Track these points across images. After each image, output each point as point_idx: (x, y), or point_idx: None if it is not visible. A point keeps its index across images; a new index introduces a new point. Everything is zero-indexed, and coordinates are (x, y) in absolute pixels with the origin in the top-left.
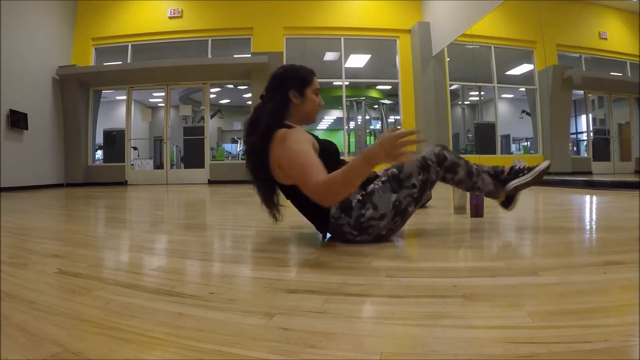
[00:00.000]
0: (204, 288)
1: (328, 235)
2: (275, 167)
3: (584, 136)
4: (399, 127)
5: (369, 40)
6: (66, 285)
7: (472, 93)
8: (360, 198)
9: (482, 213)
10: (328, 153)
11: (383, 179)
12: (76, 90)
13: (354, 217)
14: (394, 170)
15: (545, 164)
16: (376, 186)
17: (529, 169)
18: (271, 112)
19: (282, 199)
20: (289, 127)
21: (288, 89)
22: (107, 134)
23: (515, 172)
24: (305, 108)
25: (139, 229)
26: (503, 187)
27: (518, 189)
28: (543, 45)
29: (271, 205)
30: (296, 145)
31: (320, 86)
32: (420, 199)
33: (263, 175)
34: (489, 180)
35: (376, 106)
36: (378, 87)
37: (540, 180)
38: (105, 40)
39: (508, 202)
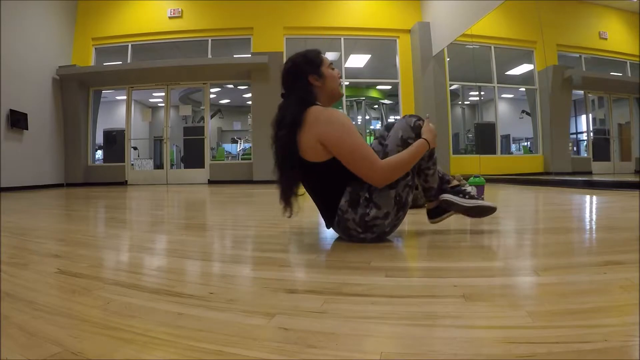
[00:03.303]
0: (204, 288)
1: (331, 232)
2: (312, 142)
3: (584, 136)
4: (428, 116)
5: (369, 40)
6: (66, 285)
7: (472, 93)
8: (367, 196)
9: None
10: None
11: None
12: (76, 90)
13: (359, 214)
14: None
15: (490, 204)
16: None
17: (472, 197)
18: (297, 103)
19: (299, 190)
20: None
21: (307, 76)
22: (107, 134)
23: (457, 191)
24: (328, 86)
25: (139, 229)
26: (439, 194)
27: (450, 205)
28: (543, 45)
29: (291, 197)
30: (351, 127)
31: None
32: (414, 184)
33: (290, 166)
34: (437, 178)
35: (376, 106)
36: (378, 87)
37: (474, 215)
38: (105, 40)
39: (436, 213)
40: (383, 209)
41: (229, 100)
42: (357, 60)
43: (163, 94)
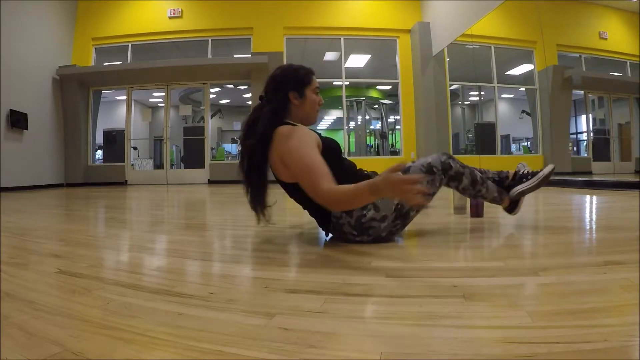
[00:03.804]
0: (204, 288)
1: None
2: (278, 164)
3: (584, 136)
4: (406, 164)
5: (369, 40)
6: (66, 285)
7: (472, 93)
8: None
9: (482, 213)
10: (331, 152)
11: None
12: (76, 90)
13: (354, 217)
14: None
15: (548, 168)
16: None
17: (533, 174)
18: (270, 115)
19: (270, 201)
20: (292, 125)
21: (287, 91)
22: (107, 134)
23: (519, 178)
24: (305, 108)
25: (139, 229)
26: (507, 192)
27: (523, 194)
28: (543, 45)
29: (260, 207)
30: (302, 146)
31: (320, 85)
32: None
33: (257, 178)
34: (493, 187)
35: (376, 106)
36: (378, 87)
37: (544, 185)
38: (105, 40)
39: (512, 207)
40: (381, 212)
41: (229, 100)
42: (357, 60)
43: (163, 94)
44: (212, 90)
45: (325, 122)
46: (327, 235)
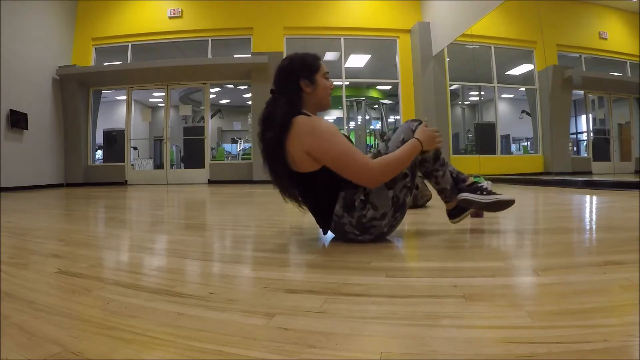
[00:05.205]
0: (204, 288)
1: (330, 233)
2: (299, 154)
3: (584, 136)
4: (426, 120)
5: (369, 40)
6: (66, 285)
7: (472, 93)
8: (363, 198)
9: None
10: None
11: None
12: (76, 90)
13: (355, 217)
14: None
15: (508, 197)
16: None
17: (490, 193)
18: (286, 105)
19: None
20: (308, 115)
21: (298, 79)
22: (107, 134)
23: (474, 188)
24: (318, 94)
25: (138, 229)
26: (456, 194)
27: (468, 202)
28: (543, 45)
29: (295, 196)
30: (335, 134)
31: (328, 70)
32: (414, 185)
33: (282, 169)
34: (449, 178)
35: (376, 106)
36: (378, 87)
37: (494, 210)
38: (105, 40)
39: (456, 213)
40: (380, 210)
41: (229, 100)
42: (357, 60)
43: (163, 94)
44: (212, 90)
45: None
46: (325, 234)
